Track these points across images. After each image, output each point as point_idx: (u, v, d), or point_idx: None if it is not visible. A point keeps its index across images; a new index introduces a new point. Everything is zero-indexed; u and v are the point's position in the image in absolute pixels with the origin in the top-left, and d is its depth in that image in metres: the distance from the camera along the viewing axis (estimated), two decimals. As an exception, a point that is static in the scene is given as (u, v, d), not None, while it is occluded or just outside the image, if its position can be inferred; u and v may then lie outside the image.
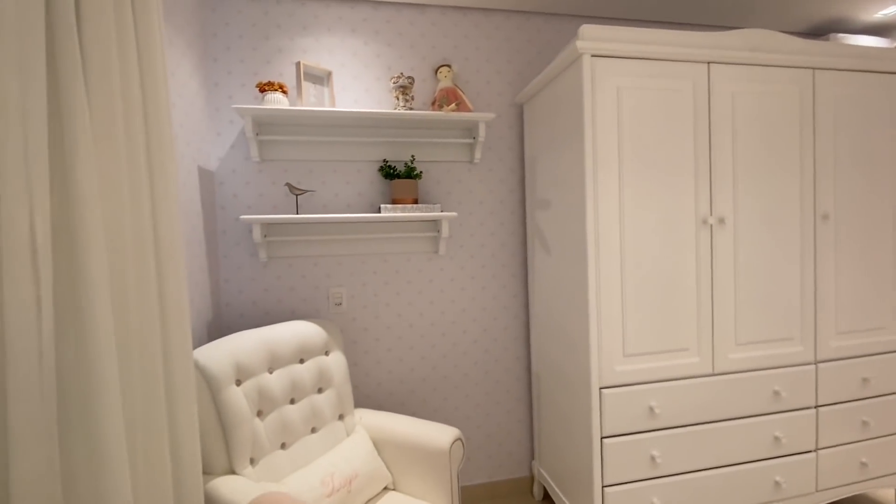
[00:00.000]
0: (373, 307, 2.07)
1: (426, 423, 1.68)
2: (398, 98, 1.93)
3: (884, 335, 1.92)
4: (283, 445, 1.56)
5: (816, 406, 1.84)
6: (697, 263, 1.71)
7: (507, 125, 2.19)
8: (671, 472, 1.68)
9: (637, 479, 1.66)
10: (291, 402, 1.62)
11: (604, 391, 1.62)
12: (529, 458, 2.27)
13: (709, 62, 1.69)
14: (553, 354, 1.93)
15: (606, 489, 1.63)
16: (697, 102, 1.68)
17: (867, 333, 1.90)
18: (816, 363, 1.83)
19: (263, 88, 1.76)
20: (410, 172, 1.96)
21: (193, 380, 1.14)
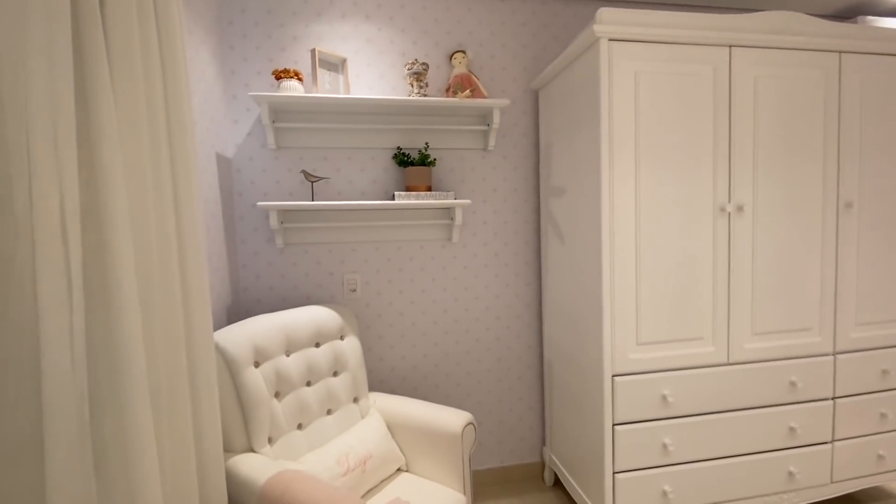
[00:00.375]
0: (387, 294, 2.09)
1: (439, 408, 1.71)
2: (412, 85, 1.93)
3: (906, 327, 1.88)
4: (300, 426, 1.60)
5: (833, 397, 1.81)
6: (714, 251, 1.69)
7: (522, 111, 2.17)
8: (683, 461, 1.69)
9: (648, 467, 1.67)
10: (308, 385, 1.66)
11: (616, 379, 1.62)
12: (540, 445, 2.29)
13: (730, 45, 1.64)
14: (566, 342, 1.94)
15: (617, 475, 1.64)
16: (718, 87, 1.65)
17: (889, 325, 1.86)
18: (835, 354, 1.81)
19: (279, 76, 1.77)
20: (424, 160, 1.96)
21: (214, 360, 1.18)
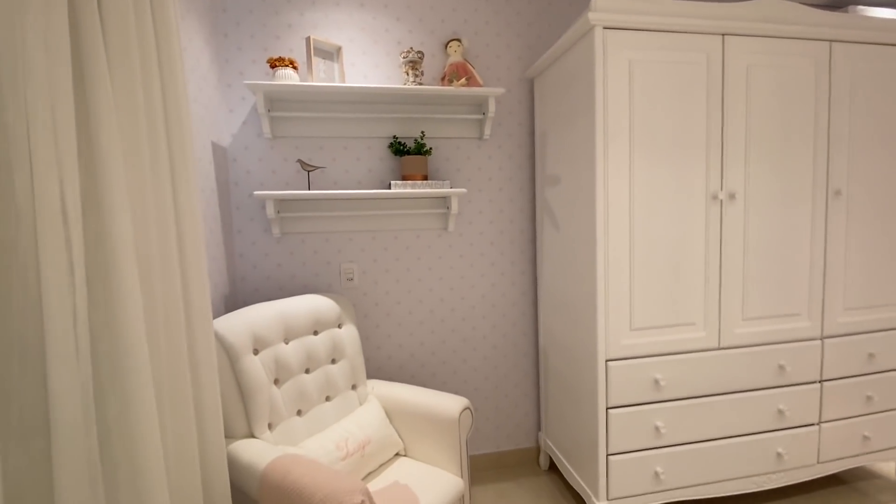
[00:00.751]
0: (383, 283, 2.11)
1: (436, 393, 1.74)
2: (408, 73, 1.93)
3: (892, 311, 1.92)
4: (299, 412, 1.62)
5: (821, 381, 1.86)
6: (706, 239, 1.72)
7: (517, 100, 2.18)
8: (675, 443, 1.73)
9: (641, 449, 1.71)
10: (306, 372, 1.68)
11: (610, 363, 1.65)
12: (536, 430, 2.33)
13: (724, 34, 1.66)
14: (561, 329, 1.97)
15: (611, 457, 1.68)
16: (711, 75, 1.66)
17: (875, 310, 1.90)
18: (823, 338, 1.85)
19: (274, 64, 1.77)
20: (420, 149, 1.96)
21: (214, 346, 1.19)
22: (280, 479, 1.21)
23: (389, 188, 1.93)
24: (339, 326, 1.83)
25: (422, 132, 2.00)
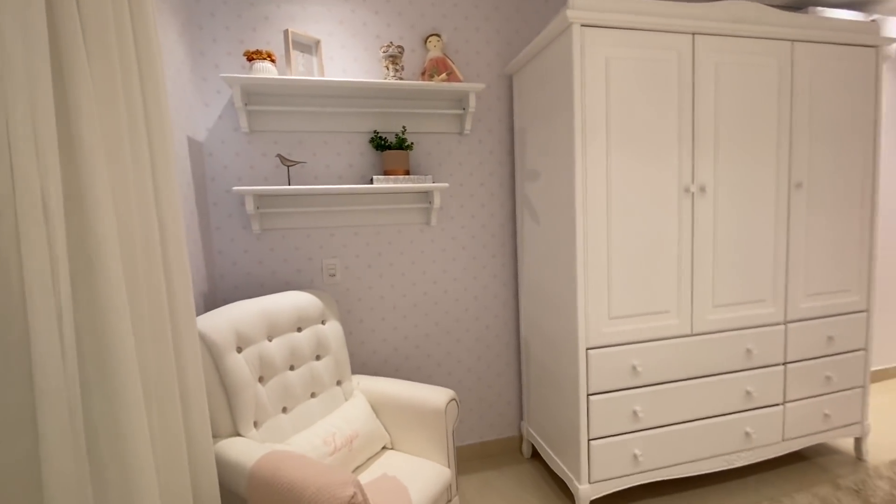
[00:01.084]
0: (367, 278, 2.11)
1: (422, 386, 1.76)
2: (388, 68, 1.92)
3: (848, 297, 2.05)
4: (285, 409, 1.61)
5: (785, 363, 1.97)
6: (679, 230, 1.79)
7: (496, 96, 2.20)
8: (651, 426, 1.81)
9: (620, 433, 1.77)
10: (291, 369, 1.67)
11: (590, 352, 1.71)
12: (518, 419, 2.39)
13: (693, 33, 1.72)
14: (542, 319, 2.02)
15: (592, 442, 1.74)
16: (682, 73, 1.73)
17: (833, 295, 2.03)
18: (786, 323, 1.96)
19: (251, 57, 1.73)
20: (402, 143, 1.97)
21: (199, 344, 1.18)
22: (270, 476, 1.20)
23: (371, 183, 1.93)
24: (323, 323, 1.82)
25: (403, 127, 2.00)
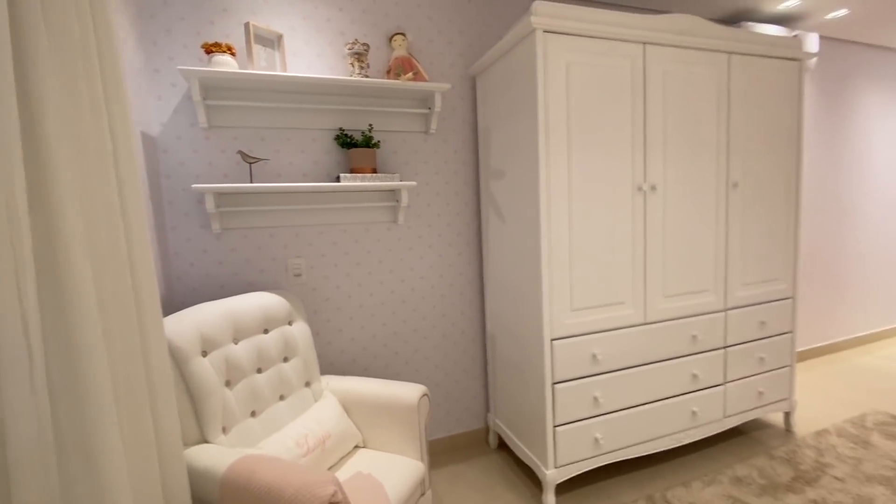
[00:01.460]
0: (333, 277, 2.09)
1: (392, 383, 1.77)
2: (353, 65, 1.91)
3: (778, 285, 2.28)
4: (254, 413, 1.57)
5: (725, 347, 2.16)
6: (633, 226, 1.91)
7: (460, 96, 2.25)
8: (611, 410, 1.92)
9: (583, 418, 1.88)
10: (259, 372, 1.63)
11: (554, 342, 1.80)
12: (485, 412, 2.45)
13: (644, 43, 1.85)
14: (507, 313, 2.09)
15: (557, 428, 1.83)
16: (634, 80, 1.85)
17: (765, 284, 2.24)
18: (726, 310, 2.15)
19: (210, 50, 1.66)
20: (369, 141, 1.96)
21: (167, 349, 1.13)
22: (245, 481, 1.18)
23: (338, 181, 1.91)
24: (290, 324, 1.79)
25: (370, 125, 2.00)
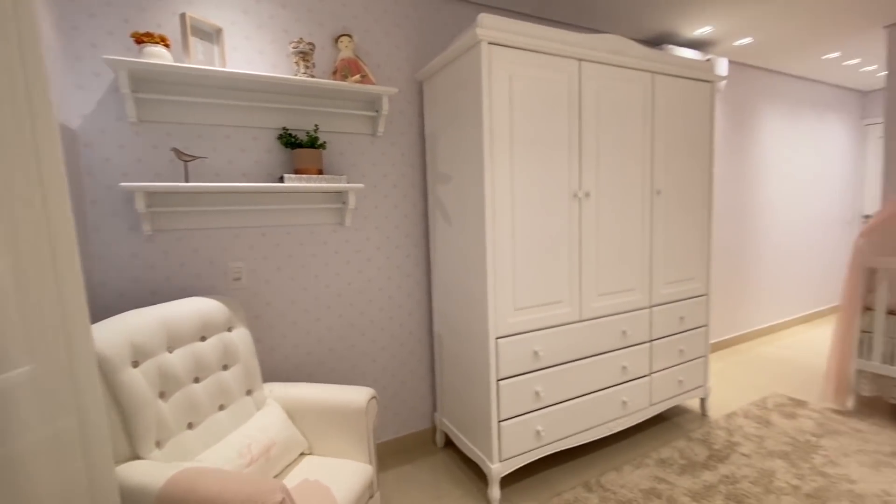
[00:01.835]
0: (276, 281, 2.02)
1: (339, 388, 1.75)
2: (298, 64, 1.88)
3: (694, 283, 2.53)
4: (191, 425, 1.49)
5: (651, 340, 2.36)
6: (569, 229, 2.04)
7: (407, 101, 2.27)
8: (550, 403, 2.03)
9: (525, 412, 1.97)
10: (196, 381, 1.55)
11: (499, 341, 1.87)
12: (432, 411, 2.49)
13: (580, 59, 1.98)
14: (454, 314, 2.14)
15: (502, 423, 1.91)
16: (571, 93, 1.98)
17: (684, 283, 2.48)
18: (651, 307, 2.35)
19: (141, 39, 1.56)
20: (314, 142, 1.93)
21: (95, 359, 1.05)
22: (184, 495, 1.12)
23: (282, 181, 1.87)
24: (230, 330, 1.71)
25: (315, 125, 1.97)
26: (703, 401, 2.68)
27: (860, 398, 2.76)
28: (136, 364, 1.37)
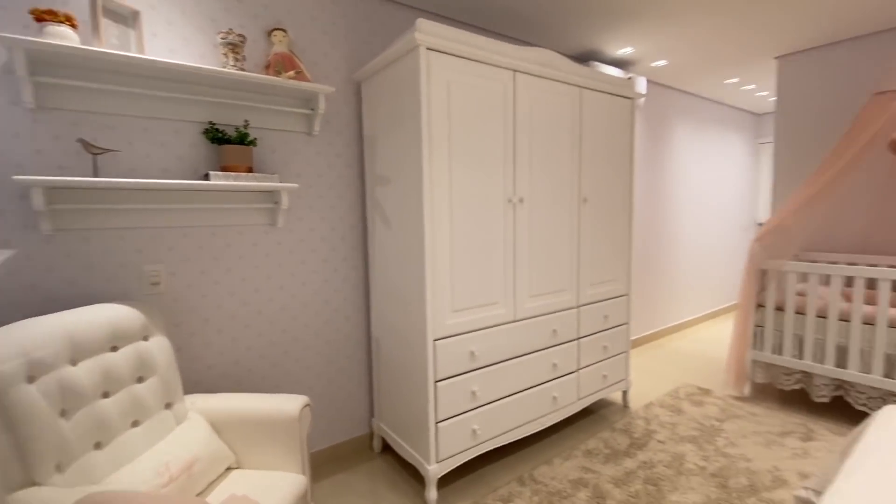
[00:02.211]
0: (199, 286, 1.89)
1: (270, 397, 1.68)
2: (227, 56, 1.78)
3: (616, 285, 2.72)
4: (98, 445, 1.35)
5: (578, 338, 2.51)
6: (504, 233, 2.12)
7: (345, 100, 2.23)
8: (486, 402, 2.09)
9: (462, 412, 2.01)
10: (105, 396, 1.41)
11: (437, 342, 1.89)
12: (369, 416, 2.45)
13: (514, 70, 2.07)
14: (392, 317, 2.13)
15: (439, 424, 1.93)
16: (506, 102, 2.05)
17: (607, 284, 2.66)
18: (578, 307, 2.50)
19: (41, 17, 1.40)
20: (244, 138, 1.84)
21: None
22: (90, 522, 1.02)
23: (207, 178, 1.75)
24: (146, 339, 1.58)
25: (246, 121, 1.87)
26: (625, 393, 2.89)
27: (755, 385, 3.12)
28: (32, 379, 1.22)
